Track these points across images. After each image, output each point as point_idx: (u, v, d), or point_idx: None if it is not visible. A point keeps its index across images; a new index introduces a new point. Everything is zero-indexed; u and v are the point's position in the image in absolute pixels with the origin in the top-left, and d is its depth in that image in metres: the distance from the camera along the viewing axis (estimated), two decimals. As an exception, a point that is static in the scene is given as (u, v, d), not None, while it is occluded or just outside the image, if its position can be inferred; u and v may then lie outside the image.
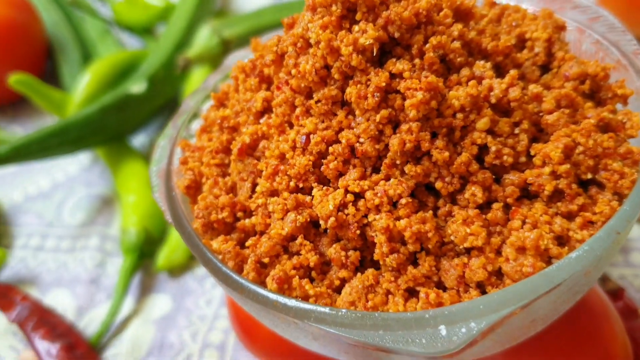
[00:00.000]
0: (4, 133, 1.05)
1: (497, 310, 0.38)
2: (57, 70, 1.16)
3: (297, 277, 0.44)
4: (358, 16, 0.43)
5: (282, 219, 0.45)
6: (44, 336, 0.75)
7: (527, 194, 0.44)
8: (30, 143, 0.85)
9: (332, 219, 0.43)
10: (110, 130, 0.94)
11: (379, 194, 0.43)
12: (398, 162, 0.44)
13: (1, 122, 1.14)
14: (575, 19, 0.57)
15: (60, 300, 0.83)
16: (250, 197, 0.49)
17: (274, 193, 0.47)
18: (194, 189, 0.52)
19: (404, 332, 0.39)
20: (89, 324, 0.80)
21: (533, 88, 0.46)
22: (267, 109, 0.51)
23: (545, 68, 0.51)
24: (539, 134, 0.46)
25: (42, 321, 0.77)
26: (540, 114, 0.46)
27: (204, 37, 1.01)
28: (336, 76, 0.44)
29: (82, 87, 0.96)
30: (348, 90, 0.43)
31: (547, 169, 0.43)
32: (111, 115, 0.93)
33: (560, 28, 0.55)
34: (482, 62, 0.45)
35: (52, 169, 1.03)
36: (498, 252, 0.42)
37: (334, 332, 0.40)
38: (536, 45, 0.50)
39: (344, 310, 0.40)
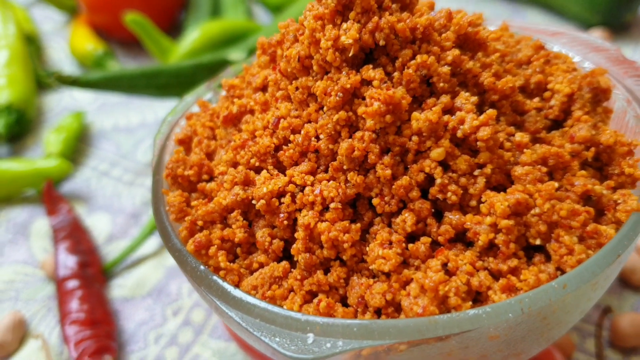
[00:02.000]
0: (117, 66, 1.14)
1: (369, 337, 0.36)
2: (184, 23, 1.24)
3: (216, 246, 0.44)
4: (351, 15, 0.43)
5: (229, 190, 0.46)
6: (67, 248, 0.82)
7: (467, 240, 0.41)
8: (121, 77, 0.93)
9: (263, 202, 0.43)
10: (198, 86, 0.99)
11: (315, 192, 0.42)
12: (345, 167, 0.43)
13: (123, 58, 1.24)
14: (630, 88, 0.52)
15: (99, 224, 0.90)
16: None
17: (235, 165, 0.48)
18: (186, 144, 0.54)
19: (276, 327, 0.38)
20: (112, 252, 0.85)
21: (519, 136, 0.43)
22: (265, 87, 0.51)
23: (559, 125, 0.47)
24: (510, 185, 0.43)
25: (72, 235, 0.84)
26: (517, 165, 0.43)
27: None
28: (315, 68, 0.44)
29: (188, 41, 1.03)
30: (317, 83, 0.43)
31: (488, 219, 0.40)
32: (203, 74, 0.98)
33: (603, 92, 0.50)
34: (467, 94, 0.43)
35: (146, 109, 1.11)
36: (406, 285, 0.40)
37: (220, 306, 0.41)
38: (554, 98, 0.47)
39: (232, 289, 0.40)
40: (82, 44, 1.17)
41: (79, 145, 1.04)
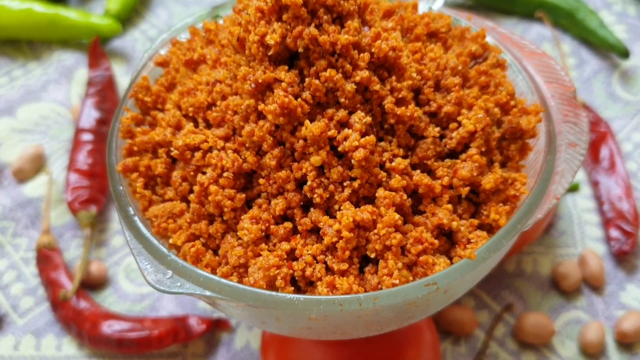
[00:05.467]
0: None
1: (209, 289, 0.46)
2: None
3: (138, 173, 0.54)
4: (284, 17, 0.48)
5: (164, 129, 0.54)
6: (94, 103, 0.94)
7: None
8: None
9: (176, 151, 0.52)
10: None
11: (218, 156, 0.50)
12: (247, 144, 0.50)
13: None
14: (553, 133, 0.55)
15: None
16: (176, 99, 0.58)
17: (179, 107, 0.56)
18: (163, 67, 0.62)
19: (151, 256, 0.49)
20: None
21: (396, 162, 0.49)
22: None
23: (457, 155, 0.52)
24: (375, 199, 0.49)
25: (102, 92, 0.95)
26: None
27: None
28: (246, 52, 0.50)
29: None
30: (241, 67, 0.50)
31: (336, 226, 0.47)
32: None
33: (524, 132, 0.54)
34: (362, 113, 0.48)
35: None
36: (259, 256, 0.49)
37: (121, 223, 0.51)
38: (457, 131, 0.51)
39: (132, 213, 0.51)
40: None
41: (139, 7, 1.13)
